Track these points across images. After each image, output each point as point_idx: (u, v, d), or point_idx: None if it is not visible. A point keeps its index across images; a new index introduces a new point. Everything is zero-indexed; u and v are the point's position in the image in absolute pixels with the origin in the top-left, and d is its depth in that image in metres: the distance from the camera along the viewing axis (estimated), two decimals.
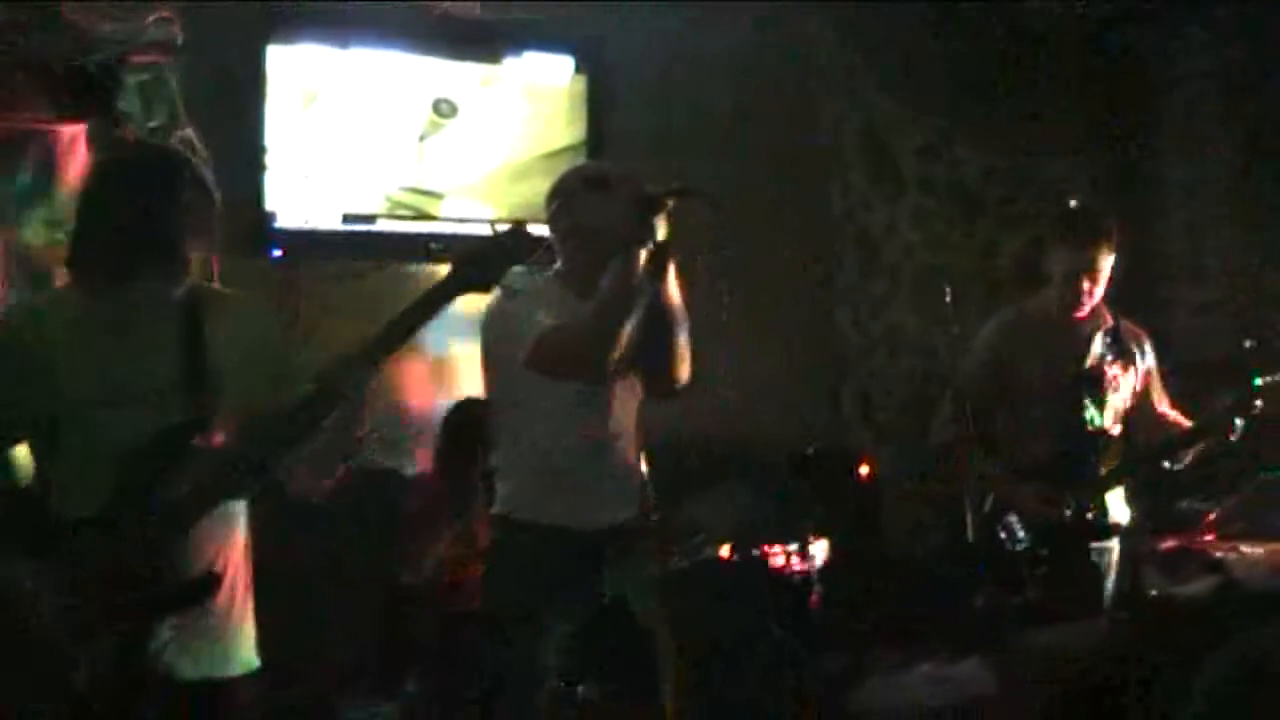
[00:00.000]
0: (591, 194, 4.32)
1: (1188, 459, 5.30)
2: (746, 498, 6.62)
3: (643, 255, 4.12)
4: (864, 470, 7.16)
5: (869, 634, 6.27)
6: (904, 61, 7.98)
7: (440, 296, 3.69)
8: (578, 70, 6.42)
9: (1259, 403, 5.11)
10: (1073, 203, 6.28)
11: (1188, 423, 5.34)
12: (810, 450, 7.00)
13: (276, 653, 3.74)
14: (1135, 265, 7.47)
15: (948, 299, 5.17)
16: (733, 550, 6.26)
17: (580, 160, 6.28)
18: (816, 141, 7.95)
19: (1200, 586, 5.59)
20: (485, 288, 3.79)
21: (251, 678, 3.69)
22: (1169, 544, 6.04)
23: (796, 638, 6.07)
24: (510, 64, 6.30)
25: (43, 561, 3.32)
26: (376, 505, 5.90)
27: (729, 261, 6.88)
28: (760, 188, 7.29)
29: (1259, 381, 5.11)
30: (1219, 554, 5.85)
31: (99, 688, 3.29)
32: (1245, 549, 5.87)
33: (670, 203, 4.13)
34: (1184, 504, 6.37)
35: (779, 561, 6.28)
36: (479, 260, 3.73)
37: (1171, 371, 5.71)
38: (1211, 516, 6.17)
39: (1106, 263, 5.21)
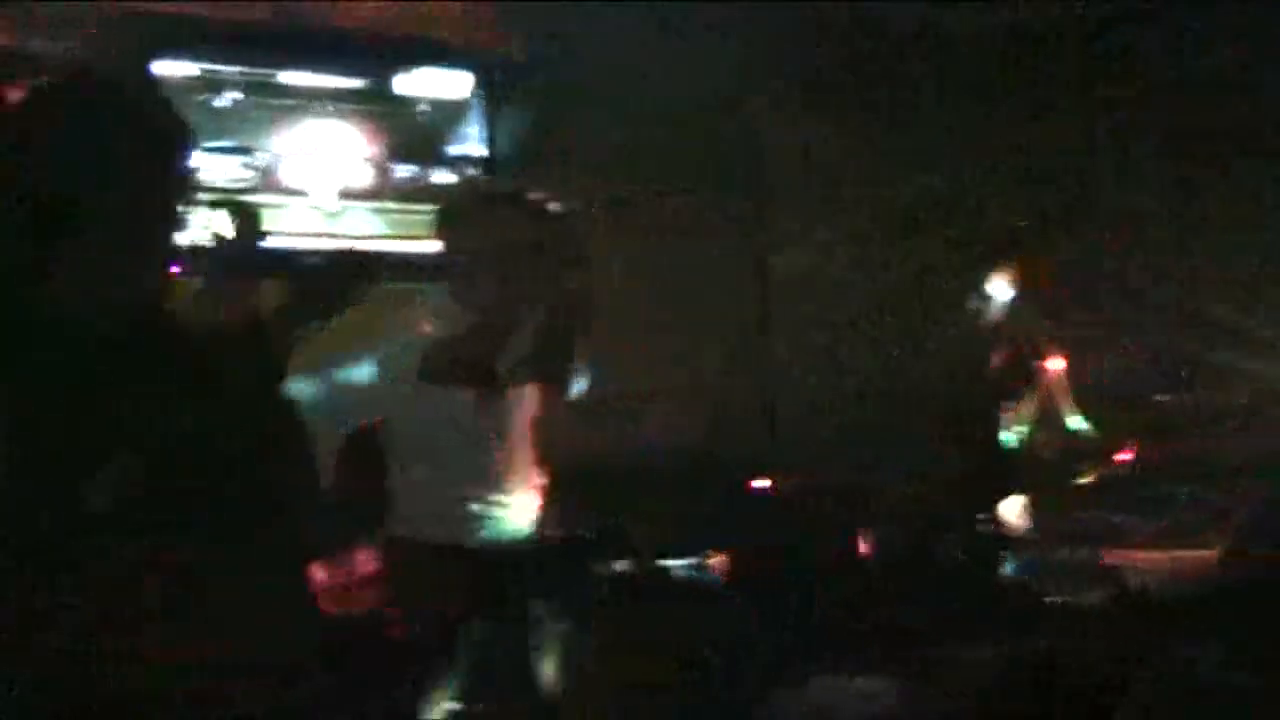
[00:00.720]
0: (483, 210, 4.33)
1: (1094, 473, 5.33)
2: (659, 513, 6.56)
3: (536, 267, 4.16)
4: (773, 484, 7.12)
5: (783, 648, 6.26)
6: (835, 78, 7.97)
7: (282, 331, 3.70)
8: (477, 85, 6.35)
9: (1157, 418, 5.17)
10: (1007, 229, 6.34)
11: (1093, 436, 5.38)
12: (727, 463, 6.95)
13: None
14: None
15: (882, 319, 5.16)
16: (643, 565, 6.23)
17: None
18: (744, 156, 7.89)
19: (1100, 595, 5.65)
20: (327, 317, 3.79)
21: None
22: (1071, 555, 6.12)
23: (711, 652, 6.04)
24: (408, 79, 6.23)
25: None
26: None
27: (651, 275, 6.95)
28: (681, 202, 7.28)
29: (1158, 399, 5.18)
30: (1119, 563, 5.93)
31: None
32: (1144, 557, 5.96)
33: (554, 215, 4.18)
34: (1086, 515, 6.45)
35: (690, 575, 6.26)
36: (316, 292, 3.73)
37: (1081, 389, 5.75)
38: (1113, 527, 6.27)
39: (1017, 285, 5.24)
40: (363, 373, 4.75)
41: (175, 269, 4.78)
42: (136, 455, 3.10)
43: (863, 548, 5.05)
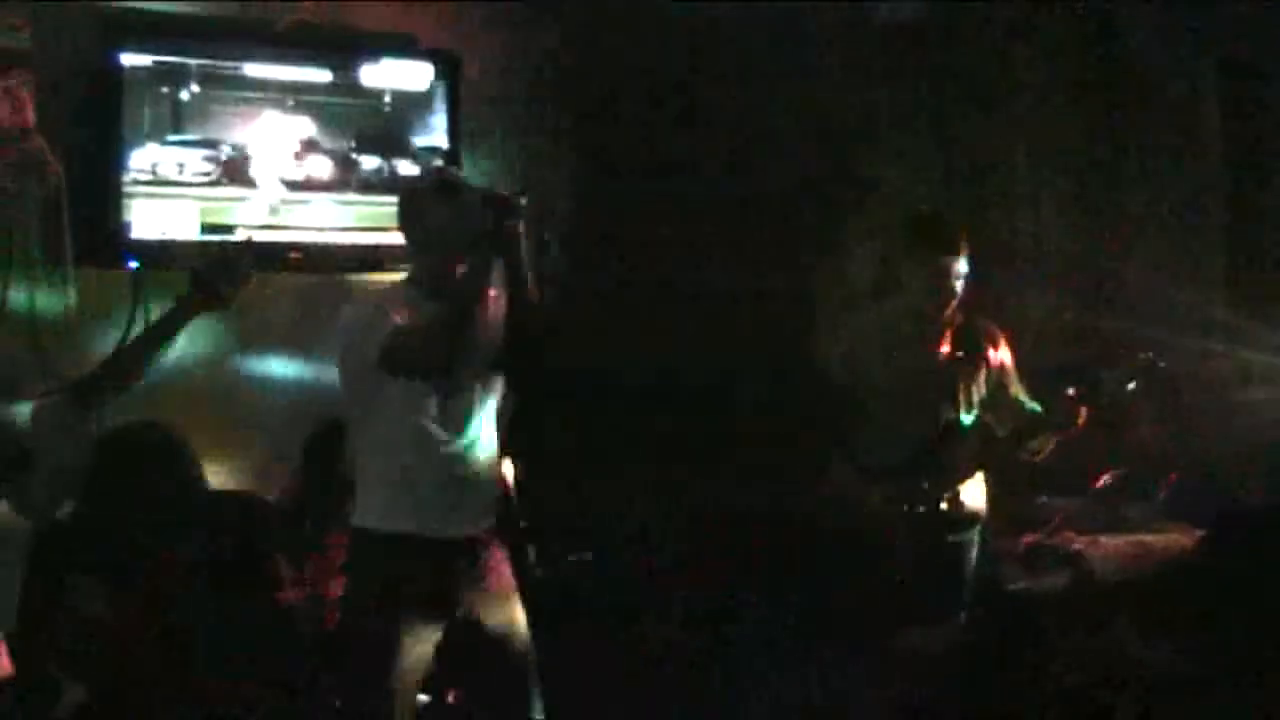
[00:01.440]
0: (441, 200, 4.31)
1: (1044, 452, 5.34)
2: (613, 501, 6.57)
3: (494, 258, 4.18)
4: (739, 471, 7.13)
5: (741, 635, 6.29)
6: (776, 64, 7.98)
7: (176, 318, 3.73)
8: (437, 77, 6.33)
9: (1103, 395, 5.19)
10: (923, 210, 6.35)
11: (1039, 413, 5.39)
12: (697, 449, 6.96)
13: None
14: (990, 266, 7.68)
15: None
16: (600, 555, 6.28)
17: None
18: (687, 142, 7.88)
19: (1058, 579, 5.69)
20: (224, 304, 3.84)
21: None
22: (1028, 538, 6.16)
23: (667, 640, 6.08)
24: (369, 70, 6.20)
25: None
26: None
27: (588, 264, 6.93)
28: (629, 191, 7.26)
29: (1103, 374, 5.20)
30: (1077, 547, 5.97)
31: None
32: (1104, 540, 6.00)
33: (520, 206, 4.18)
34: (1043, 499, 6.49)
35: (651, 564, 6.32)
36: (211, 278, 3.76)
37: (1026, 367, 5.79)
38: (1071, 511, 6.32)
39: (959, 269, 5.26)
40: (325, 364, 4.77)
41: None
42: None
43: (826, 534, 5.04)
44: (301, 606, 5.52)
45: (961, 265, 5.26)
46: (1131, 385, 5.21)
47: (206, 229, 5.86)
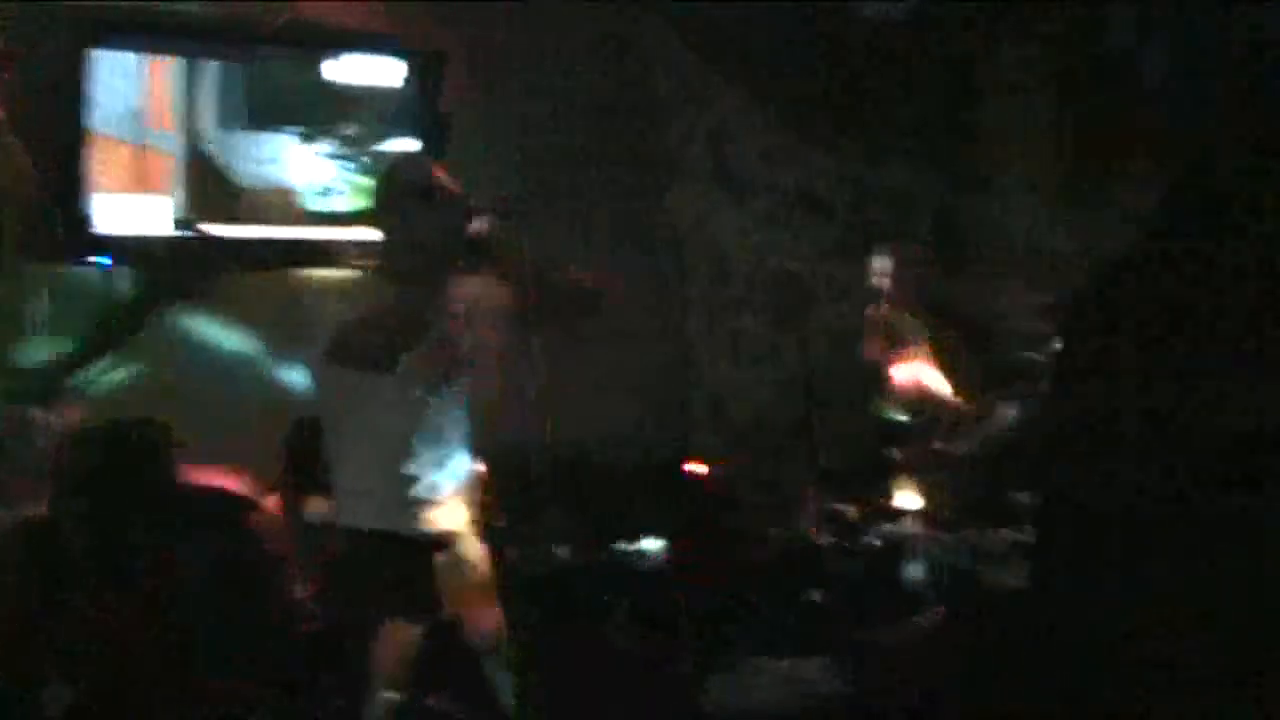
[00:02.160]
0: (417, 202, 4.29)
1: (974, 443, 5.33)
2: (590, 504, 6.57)
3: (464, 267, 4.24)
4: (709, 473, 7.15)
5: (718, 635, 6.29)
6: (752, 66, 8.00)
7: (137, 309, 3.71)
8: (410, 73, 6.32)
9: (1026, 382, 5.19)
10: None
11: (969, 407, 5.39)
12: (657, 454, 6.97)
13: None
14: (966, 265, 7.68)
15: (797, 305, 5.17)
16: (579, 554, 6.26)
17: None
18: (664, 145, 7.90)
19: (1014, 570, 5.67)
20: (189, 299, 3.82)
21: None
22: (996, 534, 6.15)
23: (645, 640, 6.07)
24: (341, 66, 6.19)
25: None
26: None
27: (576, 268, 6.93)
28: (606, 192, 7.31)
29: (1029, 356, 5.19)
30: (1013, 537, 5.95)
31: None
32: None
33: (494, 216, 4.21)
34: (1013, 496, 6.48)
35: (625, 561, 6.31)
36: (175, 272, 3.75)
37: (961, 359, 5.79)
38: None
39: (886, 266, 5.25)
40: (298, 361, 4.75)
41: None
42: None
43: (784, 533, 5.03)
44: (284, 605, 5.52)
45: (883, 263, 5.26)
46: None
47: (180, 225, 5.86)
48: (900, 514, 5.25)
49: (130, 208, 5.74)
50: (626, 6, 7.45)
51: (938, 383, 5.44)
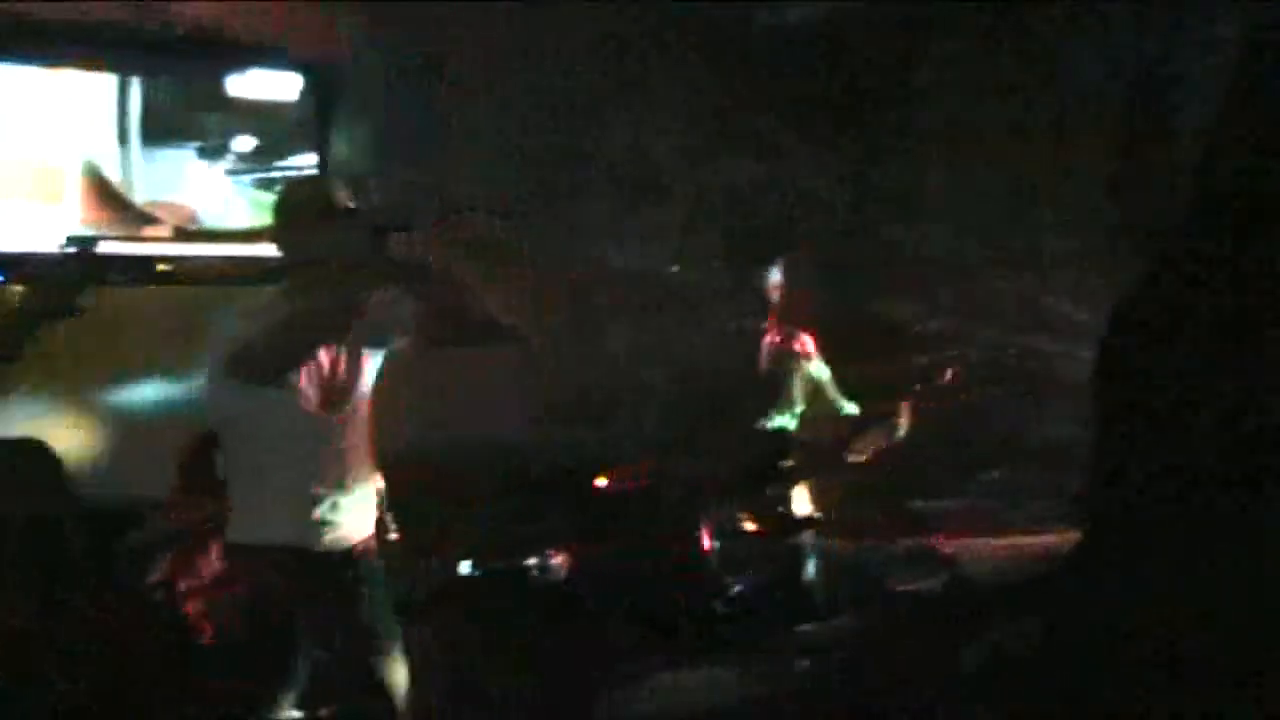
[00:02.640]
0: (319, 220, 4.22)
1: (869, 453, 5.36)
2: (490, 512, 6.57)
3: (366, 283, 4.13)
4: (608, 482, 7.16)
5: (618, 644, 6.30)
6: (667, 70, 8.03)
7: (27, 324, 3.67)
8: (307, 87, 6.29)
9: (918, 387, 5.24)
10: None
11: (858, 416, 5.42)
12: (555, 462, 6.98)
13: None
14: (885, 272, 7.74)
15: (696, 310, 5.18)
16: (477, 565, 6.24)
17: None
18: (577, 152, 7.92)
19: (934, 582, 5.75)
20: (62, 313, 3.78)
21: None
22: (904, 542, 6.22)
23: (546, 649, 6.07)
24: (236, 81, 6.14)
25: None
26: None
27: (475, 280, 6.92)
28: (515, 200, 7.30)
29: (924, 360, 5.25)
30: (951, 550, 6.04)
31: None
32: (977, 543, 6.07)
33: (395, 232, 4.12)
34: (918, 503, 6.55)
35: (527, 573, 6.29)
36: (45, 285, 3.71)
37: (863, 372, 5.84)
38: (949, 513, 6.38)
39: (773, 280, 5.29)
40: (196, 376, 4.69)
41: None
42: None
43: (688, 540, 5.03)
44: (176, 619, 5.48)
45: (774, 276, 5.30)
46: (949, 379, 5.26)
47: (72, 241, 5.79)
48: (796, 523, 5.27)
49: (21, 221, 5.69)
50: (542, 12, 7.45)
51: (825, 396, 5.47)
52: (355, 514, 4.38)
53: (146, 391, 6.30)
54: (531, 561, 6.30)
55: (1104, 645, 3.43)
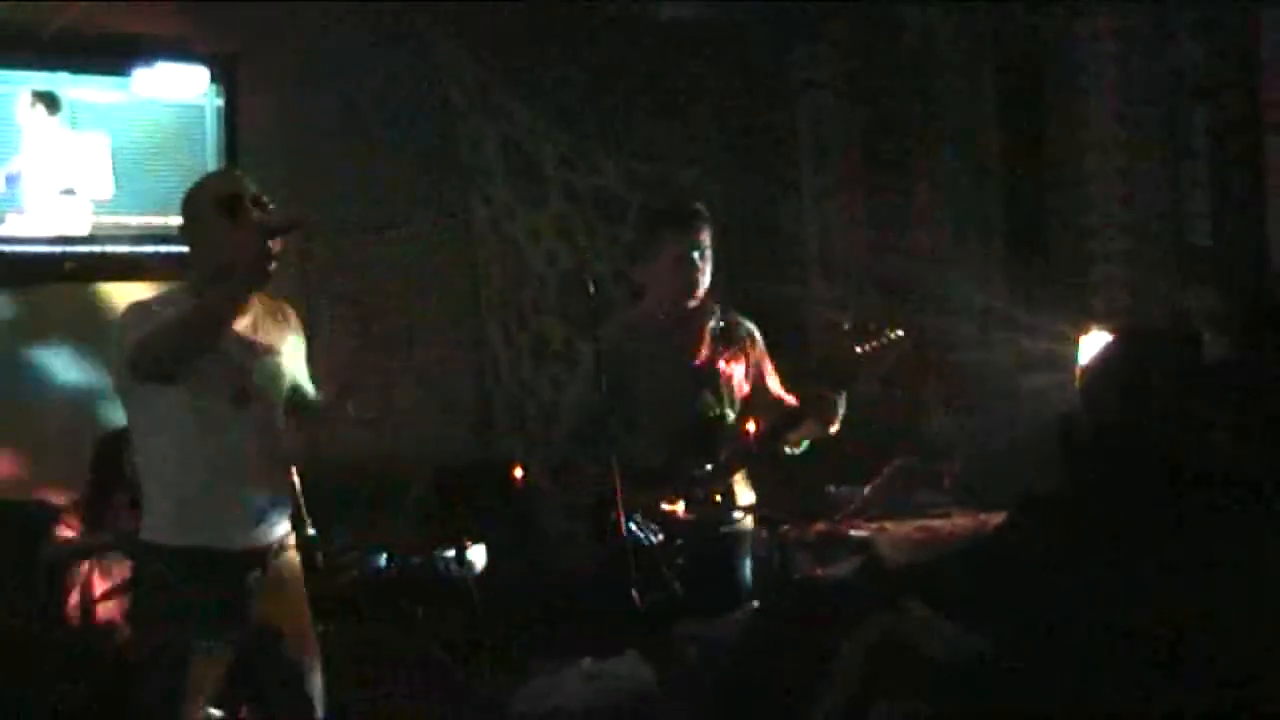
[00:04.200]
0: (221, 217, 4.20)
1: (800, 443, 5.38)
2: (404, 509, 6.58)
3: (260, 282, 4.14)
4: (516, 476, 7.19)
5: (528, 638, 6.32)
6: (540, 70, 8.05)
7: None
8: (213, 82, 6.25)
9: (855, 374, 5.25)
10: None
11: (795, 406, 5.43)
12: (465, 461, 7.03)
13: None
14: (771, 264, 7.80)
15: (591, 305, 5.16)
16: (392, 559, 6.25)
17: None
18: (457, 152, 7.93)
19: (846, 567, 5.78)
20: None
21: None
22: (818, 528, 6.26)
23: (456, 645, 6.09)
24: (141, 77, 6.09)
25: None
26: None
27: (375, 278, 6.93)
28: (403, 201, 7.30)
29: (858, 350, 5.26)
30: (865, 534, 6.09)
31: None
32: (890, 527, 6.13)
33: (292, 232, 4.15)
34: (832, 489, 6.60)
35: (438, 569, 6.31)
36: None
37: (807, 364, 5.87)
38: (861, 499, 6.43)
39: (706, 248, 5.31)
40: (100, 374, 4.66)
41: None
42: None
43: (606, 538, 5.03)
44: (89, 622, 5.42)
45: (709, 253, 5.30)
46: (882, 365, 5.28)
47: None
48: (721, 510, 5.29)
49: None
50: (419, 13, 7.45)
51: (764, 386, 5.50)
52: (269, 511, 4.36)
53: (53, 391, 6.24)
54: (449, 554, 6.31)
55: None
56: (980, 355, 7.25)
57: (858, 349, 5.20)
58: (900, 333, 5.24)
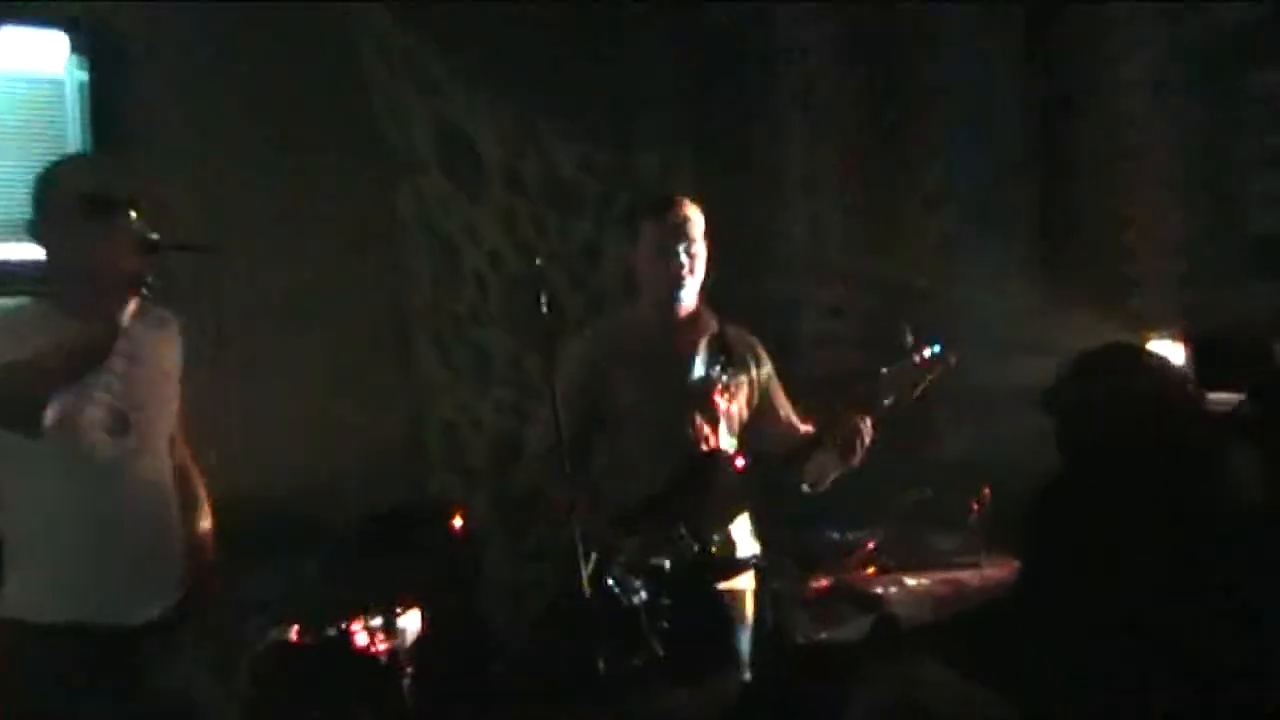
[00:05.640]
0: (89, 219, 4.07)
1: (826, 480, 5.29)
2: (317, 568, 6.45)
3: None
4: (456, 523, 7.05)
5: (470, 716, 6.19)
6: (481, 47, 7.94)
7: None
8: (75, 52, 6.11)
9: (886, 399, 5.14)
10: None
11: (812, 434, 5.32)
12: (391, 505, 6.88)
13: None
14: (753, 264, 7.71)
15: (544, 312, 5.02)
16: (304, 631, 6.13)
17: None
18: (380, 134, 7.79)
19: (854, 628, 5.69)
20: None
21: None
22: (819, 583, 6.17)
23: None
24: None
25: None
26: None
27: (277, 285, 6.78)
28: (315, 196, 7.19)
29: (884, 370, 5.15)
30: (878, 589, 6.00)
31: None
32: (909, 581, 6.03)
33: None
34: (834, 535, 6.50)
35: (361, 640, 6.18)
36: None
37: (798, 381, 5.78)
38: (869, 546, 6.33)
39: (697, 244, 5.23)
40: None
41: None
42: None
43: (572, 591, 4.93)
44: None
45: (695, 247, 5.22)
46: (918, 386, 5.17)
47: None
48: (727, 562, 5.19)
49: None
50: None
51: (773, 409, 5.41)
52: (152, 576, 4.28)
53: None
54: (376, 623, 6.17)
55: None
56: (1007, 365, 7.15)
57: (884, 369, 5.10)
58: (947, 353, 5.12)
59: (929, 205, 8.00)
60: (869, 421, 5.10)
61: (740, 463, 5.30)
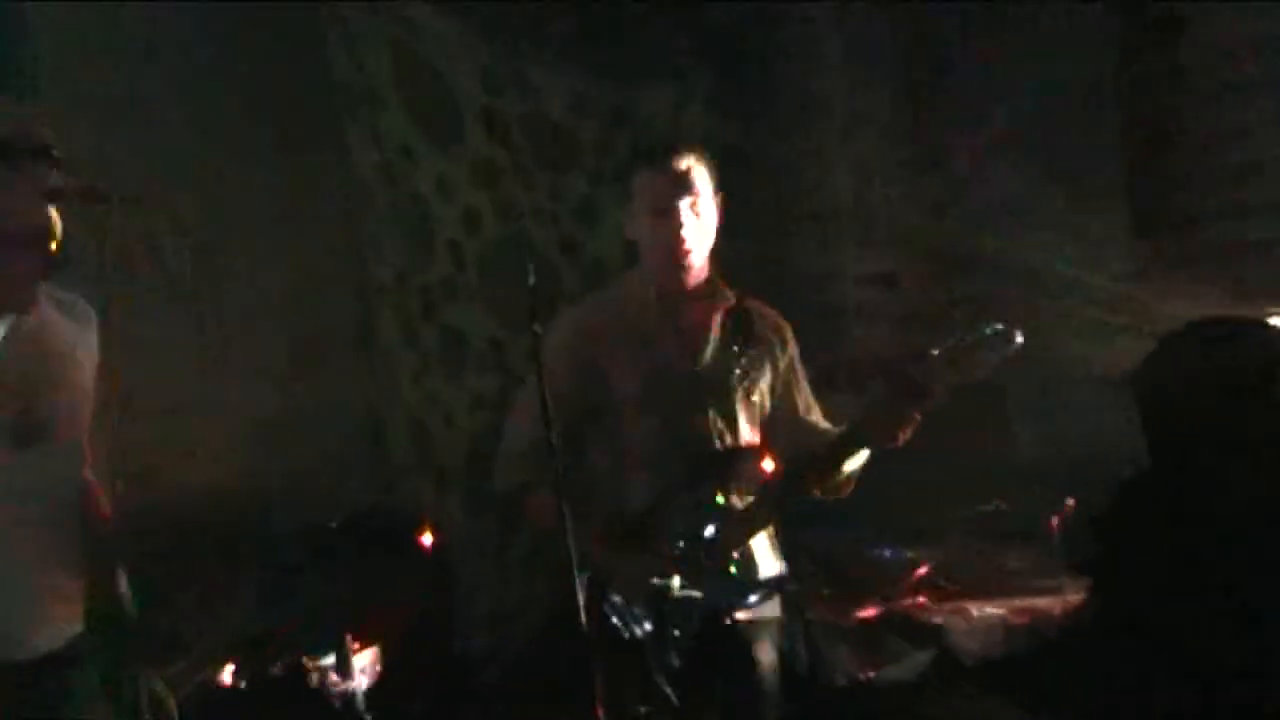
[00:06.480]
0: None
1: (849, 483, 5.22)
2: (255, 593, 6.43)
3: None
4: (425, 538, 7.00)
5: None
6: None
7: None
8: None
9: (934, 385, 5.03)
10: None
11: (846, 428, 5.24)
12: (347, 515, 6.84)
13: None
14: (781, 225, 7.70)
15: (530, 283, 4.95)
16: (240, 671, 6.08)
17: None
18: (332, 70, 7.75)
19: (908, 666, 5.65)
20: None
21: None
22: (864, 611, 6.12)
23: None
24: None
25: None
26: None
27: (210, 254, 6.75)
28: (255, 144, 7.18)
29: (935, 352, 5.03)
30: (936, 619, 5.96)
31: None
32: (974, 609, 5.97)
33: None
34: (882, 553, 6.46)
35: (311, 680, 6.13)
36: None
37: (828, 366, 5.73)
38: (923, 567, 6.27)
39: (703, 199, 5.16)
40: None
41: None
42: None
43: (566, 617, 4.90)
44: None
45: (702, 203, 5.14)
46: (978, 371, 5.06)
47: None
48: (736, 585, 5.13)
49: None
50: None
51: (797, 399, 5.36)
52: (58, 603, 4.30)
53: None
54: (327, 660, 6.11)
55: None
56: (1093, 347, 7.12)
57: (934, 350, 4.98)
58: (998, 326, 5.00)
59: (995, 153, 7.98)
60: (915, 415, 5.01)
61: (766, 465, 5.24)
